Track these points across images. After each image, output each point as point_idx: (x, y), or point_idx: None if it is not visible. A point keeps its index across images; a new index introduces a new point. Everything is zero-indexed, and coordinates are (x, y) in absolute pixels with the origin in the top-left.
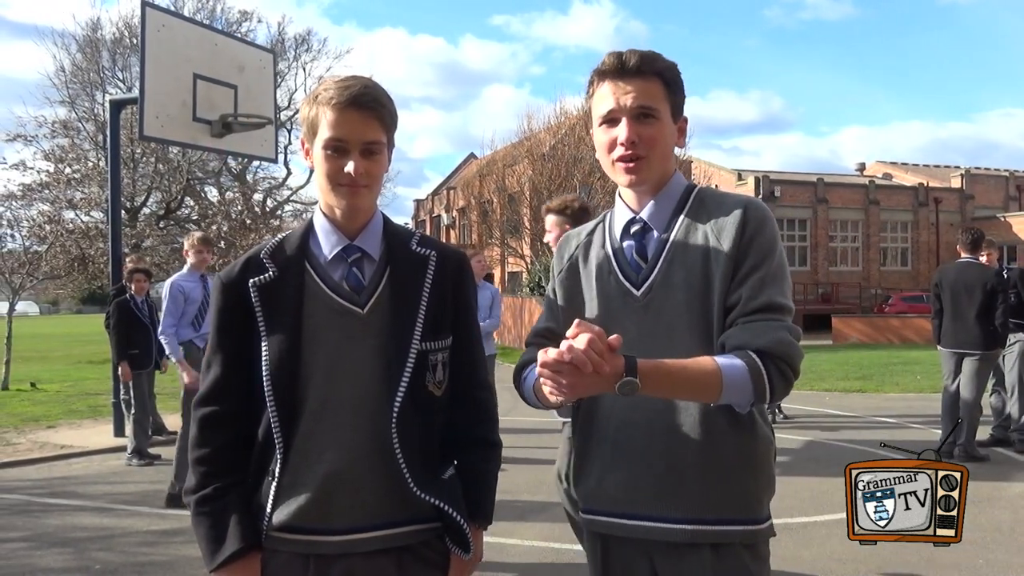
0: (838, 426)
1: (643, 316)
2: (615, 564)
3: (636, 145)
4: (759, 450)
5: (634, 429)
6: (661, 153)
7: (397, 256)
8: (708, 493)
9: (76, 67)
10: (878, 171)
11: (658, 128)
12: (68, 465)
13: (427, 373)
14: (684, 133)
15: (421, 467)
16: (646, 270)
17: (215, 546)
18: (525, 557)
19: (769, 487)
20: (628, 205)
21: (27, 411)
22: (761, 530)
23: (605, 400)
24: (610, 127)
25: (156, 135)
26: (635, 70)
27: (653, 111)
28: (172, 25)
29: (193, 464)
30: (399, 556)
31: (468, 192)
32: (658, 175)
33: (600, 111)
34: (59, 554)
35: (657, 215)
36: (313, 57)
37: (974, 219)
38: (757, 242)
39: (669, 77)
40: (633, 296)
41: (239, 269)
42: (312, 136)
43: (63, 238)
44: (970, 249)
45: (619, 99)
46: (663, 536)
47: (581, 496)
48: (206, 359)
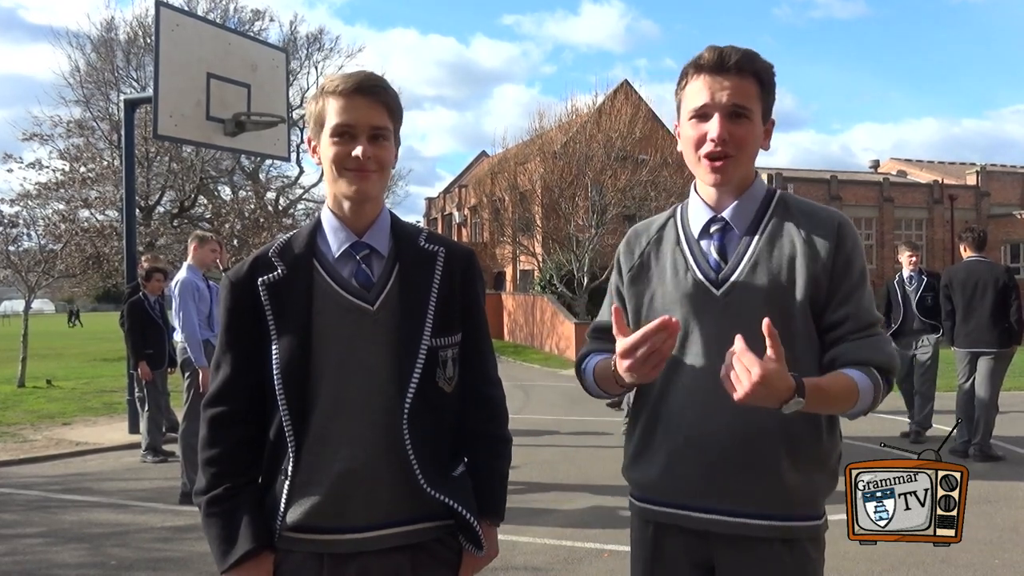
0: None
1: (722, 315)
2: (668, 552)
3: (726, 143)
4: (833, 452)
5: (712, 425)
6: (749, 154)
7: (406, 253)
8: (782, 490)
9: (91, 67)
10: (892, 168)
11: (749, 128)
12: (84, 462)
13: (437, 369)
14: (770, 135)
15: (432, 464)
16: (727, 270)
17: (226, 547)
18: (537, 554)
19: (834, 484)
20: (707, 203)
21: (43, 408)
22: (822, 524)
23: (678, 393)
24: (700, 122)
25: (170, 134)
26: (734, 67)
27: (746, 111)
28: (186, 25)
29: (204, 465)
30: (413, 554)
31: (480, 190)
32: (742, 176)
33: (692, 104)
34: (75, 550)
35: (740, 216)
36: (325, 56)
37: (990, 217)
38: (857, 261)
39: (765, 78)
40: (712, 295)
41: (247, 268)
42: (319, 129)
43: (78, 237)
44: (976, 248)
45: (715, 94)
46: (736, 531)
47: (638, 483)
48: (215, 359)
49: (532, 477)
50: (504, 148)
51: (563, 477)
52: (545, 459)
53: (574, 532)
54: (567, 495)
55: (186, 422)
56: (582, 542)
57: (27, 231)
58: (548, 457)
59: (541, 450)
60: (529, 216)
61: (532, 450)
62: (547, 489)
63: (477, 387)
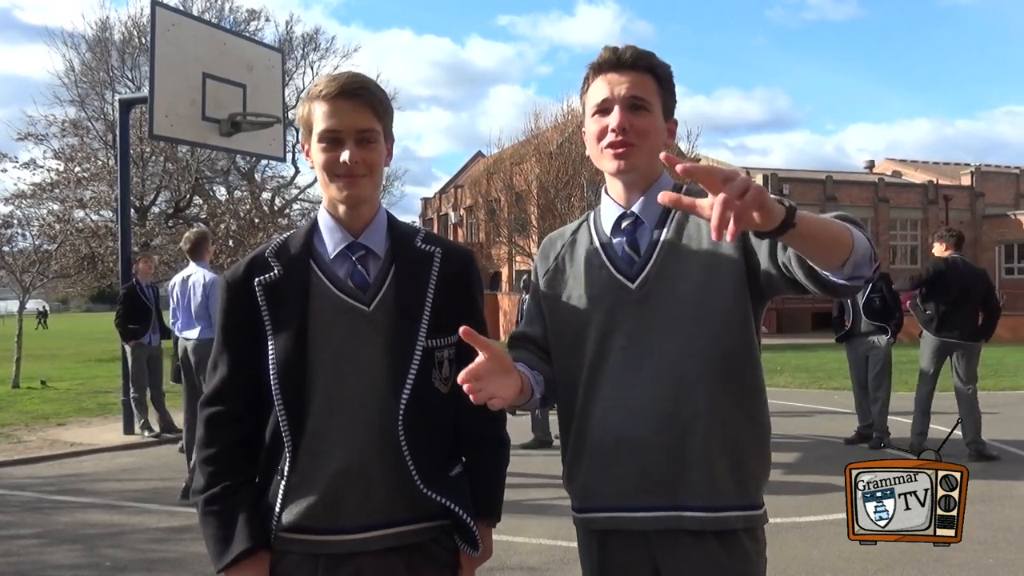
0: (847, 424)
1: (640, 309)
2: (614, 563)
3: (627, 132)
4: (762, 435)
5: (640, 420)
6: (651, 146)
7: (402, 253)
8: (714, 478)
9: (86, 67)
10: (887, 169)
11: (650, 120)
12: (78, 462)
13: (433, 370)
14: (674, 136)
15: (428, 465)
16: (640, 263)
17: (223, 546)
18: (533, 555)
19: (767, 471)
20: (616, 201)
21: (37, 409)
22: (760, 515)
23: (604, 393)
24: (602, 116)
25: (165, 134)
26: (630, 63)
27: (645, 103)
28: (181, 24)
29: (201, 464)
30: (408, 554)
31: (475, 190)
32: (646, 167)
33: (593, 101)
34: (69, 551)
35: (649, 209)
36: (321, 56)
37: (984, 217)
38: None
39: (662, 75)
40: (628, 289)
41: (244, 268)
42: (308, 134)
43: (73, 237)
44: (957, 247)
45: (613, 89)
46: (672, 525)
47: (577, 494)
48: (212, 359)
49: (527, 477)
50: (500, 148)
51: (558, 477)
52: (540, 459)
53: (569, 532)
54: (562, 495)
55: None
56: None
57: (22, 231)
58: (543, 457)
59: (536, 451)
60: (525, 216)
61: (527, 450)
62: (542, 489)
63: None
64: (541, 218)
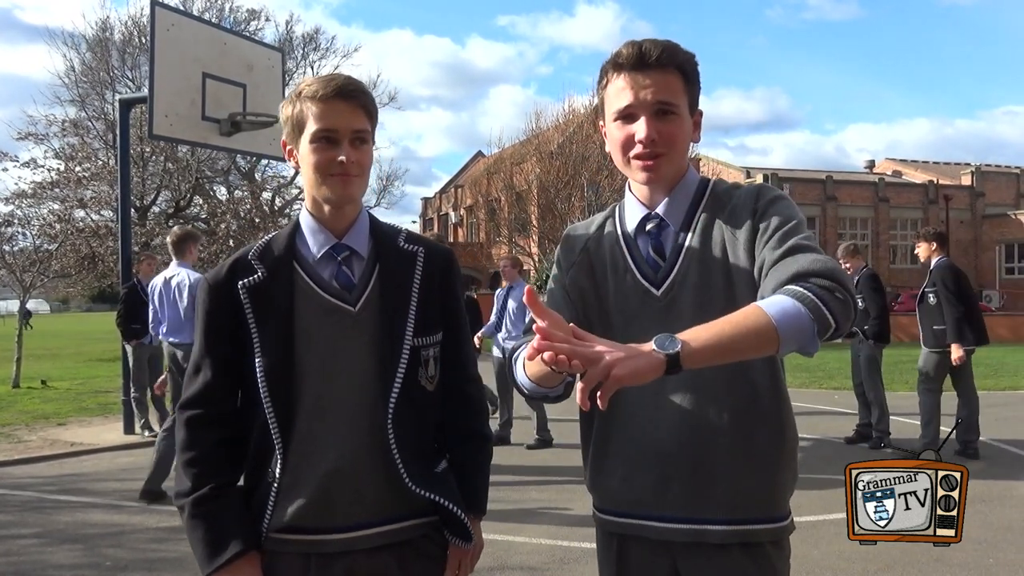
0: (847, 424)
1: (665, 316)
2: (633, 565)
3: (655, 143)
4: (787, 447)
5: (662, 429)
6: (680, 150)
7: (386, 253)
8: (740, 492)
9: (86, 67)
10: (887, 168)
11: (677, 124)
12: (79, 462)
13: (420, 369)
14: (699, 127)
15: (416, 462)
16: (665, 268)
17: (213, 548)
18: (533, 555)
19: (794, 483)
20: (640, 200)
21: (38, 408)
22: (786, 526)
23: (627, 399)
24: (626, 123)
25: (165, 134)
26: (655, 63)
27: (673, 107)
28: (181, 24)
29: (184, 466)
30: (400, 551)
31: (476, 190)
32: (675, 171)
33: (616, 105)
34: (70, 550)
35: (674, 211)
36: (321, 55)
37: (984, 217)
38: (774, 207)
39: (689, 69)
40: (653, 295)
41: (226, 271)
42: (298, 134)
43: (73, 237)
44: (943, 248)
45: (638, 94)
46: (695, 538)
47: (600, 496)
48: (194, 362)
49: (527, 477)
50: (500, 148)
51: (558, 477)
52: (541, 459)
53: (570, 532)
54: (562, 495)
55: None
56: (578, 542)
57: (22, 231)
58: (544, 457)
59: (536, 450)
60: (525, 216)
61: (527, 450)
62: (542, 489)
63: (459, 385)
64: (541, 218)
